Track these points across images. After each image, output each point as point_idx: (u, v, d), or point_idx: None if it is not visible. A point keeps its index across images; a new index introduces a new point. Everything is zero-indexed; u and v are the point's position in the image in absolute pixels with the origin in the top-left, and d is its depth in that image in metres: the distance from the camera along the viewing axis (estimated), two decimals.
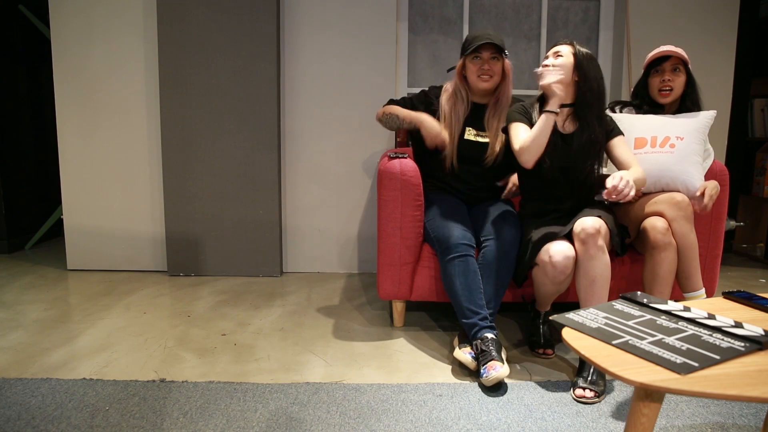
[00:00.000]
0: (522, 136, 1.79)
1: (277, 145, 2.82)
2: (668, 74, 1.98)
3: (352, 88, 2.92)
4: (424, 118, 1.98)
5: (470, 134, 2.04)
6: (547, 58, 1.85)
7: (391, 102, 2.14)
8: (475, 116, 2.04)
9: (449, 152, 2.02)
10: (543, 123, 1.74)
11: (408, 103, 2.13)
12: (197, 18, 2.72)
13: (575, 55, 1.80)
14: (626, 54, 3.00)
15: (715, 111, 2.00)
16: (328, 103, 2.93)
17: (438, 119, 2.03)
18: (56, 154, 3.59)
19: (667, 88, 1.98)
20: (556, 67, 1.79)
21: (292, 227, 3.02)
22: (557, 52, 1.83)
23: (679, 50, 1.96)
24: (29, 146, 3.51)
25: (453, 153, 2.02)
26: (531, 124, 1.85)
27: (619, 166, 1.84)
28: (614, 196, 1.60)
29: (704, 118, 1.95)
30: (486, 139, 2.03)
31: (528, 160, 1.75)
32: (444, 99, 2.06)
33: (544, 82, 1.77)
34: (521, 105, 1.91)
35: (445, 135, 1.98)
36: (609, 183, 1.61)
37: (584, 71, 1.79)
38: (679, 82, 1.98)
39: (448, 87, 2.09)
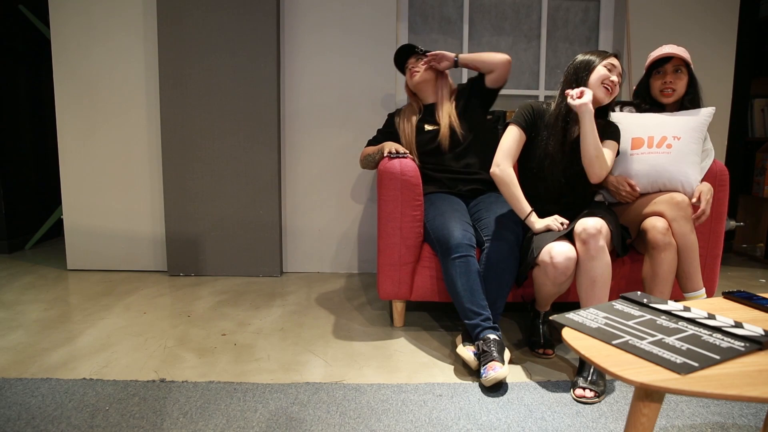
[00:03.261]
0: (506, 144, 1.85)
1: (277, 145, 2.82)
2: (670, 76, 1.97)
3: (352, 88, 2.92)
4: (384, 145, 2.20)
5: (424, 127, 2.29)
6: (610, 69, 1.78)
7: (368, 145, 2.41)
8: (428, 114, 2.31)
9: (410, 147, 2.30)
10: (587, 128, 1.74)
11: (379, 136, 2.42)
12: (197, 18, 2.72)
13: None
14: (626, 54, 3.00)
15: (714, 108, 1.98)
16: (328, 103, 2.93)
17: (399, 134, 2.35)
18: (56, 154, 3.61)
19: (669, 89, 1.98)
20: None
21: (292, 227, 3.02)
22: (619, 71, 1.81)
23: (682, 51, 1.95)
24: (29, 146, 3.51)
25: (412, 145, 2.29)
26: (529, 131, 1.87)
27: None
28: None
29: (702, 115, 1.93)
30: (436, 127, 2.24)
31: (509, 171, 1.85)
32: (399, 117, 2.37)
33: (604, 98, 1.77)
34: (530, 107, 1.89)
35: (397, 145, 2.22)
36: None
37: None
38: (681, 84, 1.97)
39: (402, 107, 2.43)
